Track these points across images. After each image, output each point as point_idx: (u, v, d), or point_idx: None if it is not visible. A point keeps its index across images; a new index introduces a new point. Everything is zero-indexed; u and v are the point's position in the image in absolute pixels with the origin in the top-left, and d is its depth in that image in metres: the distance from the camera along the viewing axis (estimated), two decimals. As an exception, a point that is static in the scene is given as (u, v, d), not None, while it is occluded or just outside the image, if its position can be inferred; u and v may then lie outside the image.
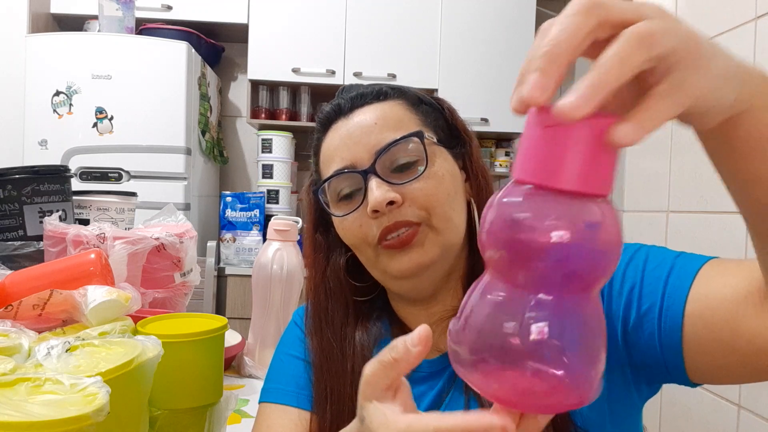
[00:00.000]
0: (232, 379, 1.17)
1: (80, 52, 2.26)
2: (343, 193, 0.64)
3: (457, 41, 2.63)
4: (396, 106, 0.65)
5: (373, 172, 0.61)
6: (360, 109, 0.65)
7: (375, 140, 0.62)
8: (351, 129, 0.64)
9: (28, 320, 0.61)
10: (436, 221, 0.61)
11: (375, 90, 0.66)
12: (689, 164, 1.24)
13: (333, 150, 0.65)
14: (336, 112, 0.66)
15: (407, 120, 0.64)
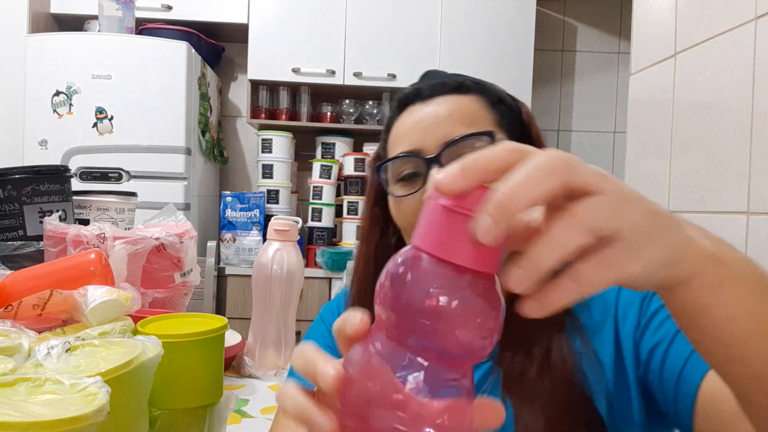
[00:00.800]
0: (232, 379, 1.17)
1: (80, 52, 2.26)
2: (403, 175, 0.65)
3: (457, 41, 2.63)
4: (474, 102, 0.65)
5: (437, 161, 0.61)
6: (438, 98, 0.65)
7: (445, 131, 0.62)
8: (425, 116, 0.64)
9: (28, 320, 0.61)
10: None
11: (457, 81, 0.66)
12: (689, 164, 1.24)
13: (404, 132, 0.66)
14: (415, 95, 0.66)
15: (482, 118, 0.64)
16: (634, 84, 1.49)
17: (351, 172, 2.61)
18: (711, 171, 1.17)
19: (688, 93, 1.26)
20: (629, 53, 1.53)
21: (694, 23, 1.24)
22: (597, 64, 3.06)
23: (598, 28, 3.06)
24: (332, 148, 2.72)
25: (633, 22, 1.50)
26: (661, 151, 1.34)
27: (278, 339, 1.23)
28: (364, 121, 2.79)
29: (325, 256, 2.42)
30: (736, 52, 1.11)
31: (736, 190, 1.09)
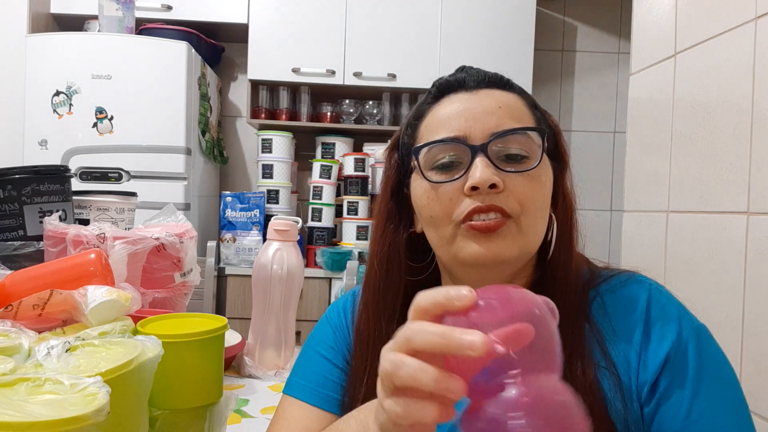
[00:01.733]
0: (232, 379, 1.17)
1: (80, 52, 2.26)
2: (440, 162, 0.62)
3: (457, 41, 2.63)
4: (518, 100, 0.64)
5: (484, 151, 0.59)
6: (485, 90, 0.64)
7: (494, 123, 0.61)
8: (473, 105, 0.62)
9: (28, 320, 0.61)
10: (524, 221, 0.60)
11: (500, 78, 0.65)
12: (689, 164, 1.24)
13: (446, 118, 0.63)
14: (459, 84, 0.65)
15: (526, 117, 0.63)
16: (634, 84, 1.49)
17: (351, 172, 2.61)
18: (711, 171, 1.17)
19: (688, 93, 1.26)
20: (629, 53, 1.53)
21: (694, 23, 1.24)
22: (597, 64, 3.06)
23: (598, 28, 3.06)
24: (332, 148, 2.72)
25: (633, 22, 1.50)
26: (661, 151, 1.34)
27: (278, 339, 1.23)
28: (364, 121, 2.79)
29: (325, 256, 2.42)
30: (736, 52, 1.11)
31: (736, 190, 1.09)
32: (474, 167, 0.59)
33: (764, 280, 1.02)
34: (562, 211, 0.66)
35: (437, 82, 0.67)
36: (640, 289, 0.63)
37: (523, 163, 0.61)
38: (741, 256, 1.07)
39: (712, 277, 1.15)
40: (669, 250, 1.29)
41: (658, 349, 0.59)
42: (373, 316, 0.68)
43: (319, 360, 0.72)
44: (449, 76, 0.67)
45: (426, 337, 0.38)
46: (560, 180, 0.66)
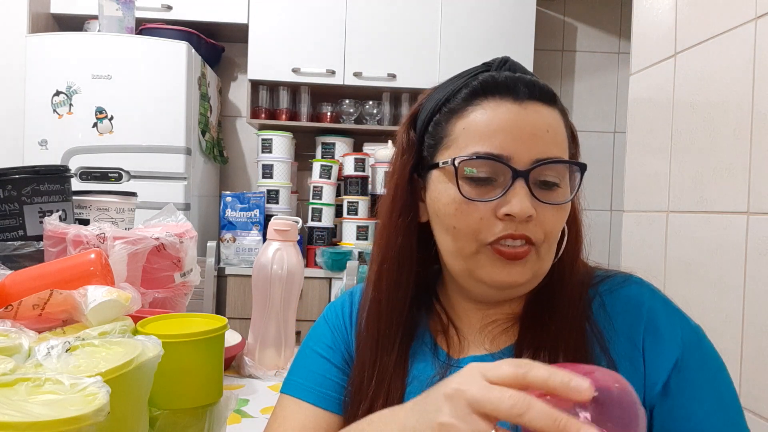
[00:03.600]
0: (232, 379, 1.17)
1: (80, 52, 2.26)
2: (474, 175, 0.59)
3: (457, 41, 2.63)
4: (560, 118, 0.62)
5: (526, 178, 0.58)
6: (535, 104, 0.60)
7: (541, 149, 0.58)
8: (522, 122, 0.59)
9: (28, 320, 0.61)
10: (544, 249, 0.61)
11: (550, 91, 0.62)
12: (689, 164, 1.24)
13: (491, 129, 0.59)
14: (507, 89, 0.60)
15: (564, 139, 0.62)
16: (634, 84, 1.49)
17: (351, 172, 2.61)
18: (711, 171, 1.17)
19: (688, 93, 1.26)
20: (629, 53, 1.53)
21: (694, 23, 1.24)
22: (597, 64, 3.06)
23: (598, 28, 3.06)
24: (332, 148, 2.72)
25: (633, 22, 1.50)
26: (661, 151, 1.34)
27: (278, 339, 1.23)
28: (364, 121, 2.79)
29: (325, 256, 2.42)
30: (736, 52, 1.11)
31: (736, 190, 1.09)
32: (513, 194, 0.58)
33: (764, 280, 1.02)
34: (572, 218, 0.65)
35: (483, 78, 0.62)
36: (642, 290, 0.64)
37: (555, 191, 0.60)
38: (741, 256, 1.07)
39: (712, 277, 1.15)
40: (669, 250, 1.29)
41: (668, 350, 0.59)
42: (385, 312, 0.67)
43: (317, 359, 0.71)
44: (497, 75, 0.62)
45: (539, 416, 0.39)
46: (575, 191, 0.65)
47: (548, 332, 0.61)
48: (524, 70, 0.65)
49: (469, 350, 0.66)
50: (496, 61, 0.66)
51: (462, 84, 0.64)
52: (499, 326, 0.65)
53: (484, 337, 0.65)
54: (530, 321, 0.64)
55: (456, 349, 0.66)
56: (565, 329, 0.61)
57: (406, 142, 0.67)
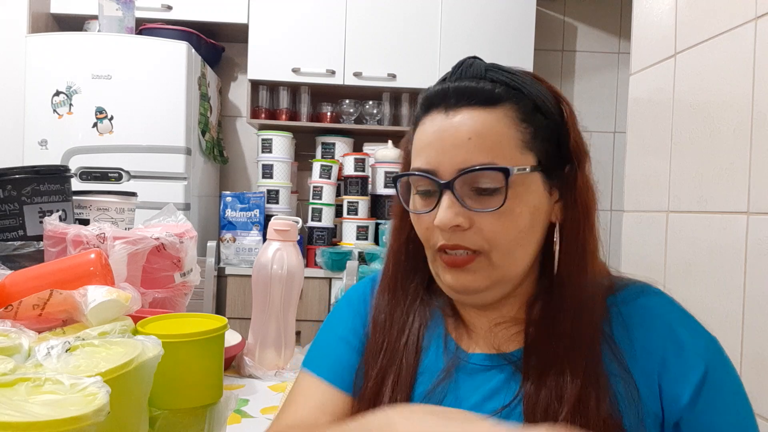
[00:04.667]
0: (232, 379, 1.17)
1: (80, 52, 2.26)
2: (420, 190, 0.63)
3: (457, 41, 2.63)
4: (503, 117, 0.59)
5: (450, 188, 0.59)
6: (463, 111, 0.60)
7: (462, 158, 0.59)
8: (445, 133, 0.60)
9: (28, 320, 0.61)
10: (495, 256, 0.60)
11: (487, 92, 0.60)
12: (689, 164, 1.24)
13: (424, 144, 0.62)
14: (440, 98, 0.62)
15: (507, 140, 0.59)
16: (634, 84, 1.49)
17: (351, 172, 2.61)
18: (711, 171, 1.17)
19: (688, 93, 1.26)
20: (629, 53, 1.53)
21: (694, 23, 1.24)
22: (597, 64, 3.06)
23: (598, 28, 3.06)
24: (332, 148, 2.72)
25: (633, 22, 1.50)
26: (661, 151, 1.34)
27: (278, 339, 1.23)
28: (364, 121, 2.79)
29: (325, 256, 2.42)
30: (736, 52, 1.11)
31: (736, 190, 1.09)
32: (440, 206, 0.59)
33: (764, 280, 1.02)
34: (572, 222, 0.63)
35: (425, 93, 0.65)
36: (660, 300, 0.63)
37: (495, 196, 0.59)
38: (741, 256, 1.07)
39: (712, 277, 1.15)
40: (669, 250, 1.29)
41: (694, 364, 0.58)
42: (392, 303, 0.70)
43: (336, 341, 0.73)
44: (435, 87, 0.64)
45: None
46: (572, 181, 0.63)
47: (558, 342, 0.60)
48: (474, 73, 0.62)
49: (479, 346, 0.66)
50: (453, 68, 0.65)
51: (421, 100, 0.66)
52: (506, 329, 0.65)
53: (493, 337, 0.66)
54: (537, 327, 0.63)
55: (466, 342, 0.67)
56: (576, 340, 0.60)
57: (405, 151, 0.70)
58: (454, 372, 0.65)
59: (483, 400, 0.62)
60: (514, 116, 0.60)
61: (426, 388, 0.65)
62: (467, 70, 0.63)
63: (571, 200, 0.63)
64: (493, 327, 0.66)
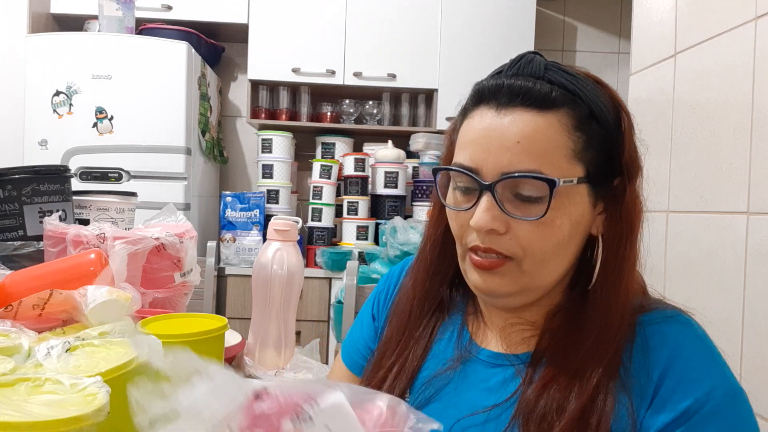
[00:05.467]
0: (232, 379, 1.17)
1: (80, 52, 2.26)
2: (460, 186, 0.61)
3: (457, 41, 2.63)
4: (556, 123, 0.56)
5: (491, 190, 0.57)
6: (515, 111, 0.57)
7: (508, 161, 0.56)
8: (493, 132, 0.57)
9: (28, 320, 0.61)
10: (528, 264, 0.58)
11: (543, 94, 0.57)
12: (689, 164, 1.24)
13: (470, 140, 0.59)
14: (491, 94, 0.58)
15: (557, 148, 0.56)
16: (634, 84, 1.49)
17: (351, 172, 2.61)
18: (711, 171, 1.17)
19: (688, 93, 1.26)
20: (629, 53, 1.53)
21: (694, 23, 1.24)
22: (597, 64, 3.06)
23: (598, 28, 3.06)
24: (332, 148, 2.72)
25: (633, 22, 1.50)
26: (661, 151, 1.34)
27: (278, 339, 1.22)
28: (364, 121, 2.79)
29: (325, 256, 2.42)
30: (736, 52, 1.11)
31: (736, 190, 1.09)
32: (478, 207, 0.57)
33: (764, 280, 1.02)
34: (614, 237, 0.60)
35: (480, 85, 0.61)
36: (683, 329, 0.59)
37: (536, 204, 0.56)
38: (741, 256, 1.07)
39: (712, 277, 1.15)
40: (669, 250, 1.29)
41: (683, 397, 0.54)
42: (418, 296, 0.71)
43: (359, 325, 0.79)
44: (488, 81, 0.60)
45: None
46: (620, 195, 0.59)
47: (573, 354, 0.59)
48: (533, 71, 0.59)
49: (490, 343, 0.66)
50: (510, 62, 0.61)
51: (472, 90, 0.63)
52: (521, 332, 0.65)
53: (506, 336, 0.66)
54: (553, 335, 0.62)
55: (480, 336, 0.67)
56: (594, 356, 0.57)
57: (449, 141, 0.67)
58: (462, 363, 0.65)
59: (480, 395, 0.62)
60: (568, 123, 0.57)
61: (431, 373, 0.66)
62: (525, 66, 0.59)
63: (616, 215, 0.60)
64: (509, 326, 0.65)
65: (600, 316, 0.59)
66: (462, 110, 0.64)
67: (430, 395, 0.64)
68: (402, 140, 2.81)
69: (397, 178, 2.60)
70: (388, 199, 2.61)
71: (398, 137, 2.81)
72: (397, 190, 2.61)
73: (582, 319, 0.60)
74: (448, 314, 0.70)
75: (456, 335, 0.68)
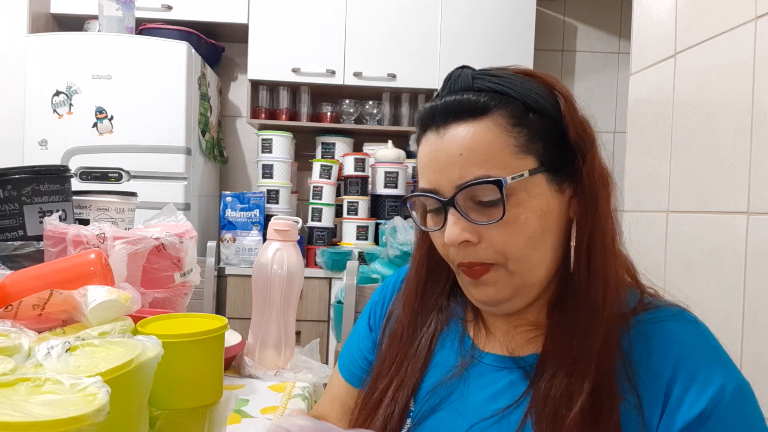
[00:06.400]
0: (232, 379, 1.17)
1: (80, 52, 2.26)
2: (430, 208, 0.64)
3: (457, 41, 2.63)
4: (492, 127, 0.58)
5: (453, 204, 0.59)
6: (452, 127, 0.59)
7: (458, 174, 0.58)
8: (439, 153, 0.60)
9: (28, 320, 0.61)
10: (512, 265, 0.59)
11: (472, 103, 0.59)
12: (689, 164, 1.24)
13: (423, 165, 0.63)
14: (431, 117, 0.61)
15: (499, 148, 0.58)
16: (634, 84, 1.49)
17: (351, 172, 2.61)
18: (711, 171, 1.17)
19: (688, 93, 1.26)
20: (629, 53, 1.53)
21: (694, 23, 1.24)
22: (597, 64, 3.06)
23: (598, 28, 3.06)
24: (332, 148, 2.72)
25: (633, 22, 1.50)
26: (661, 151, 1.34)
27: (278, 339, 1.22)
28: (364, 121, 2.79)
29: (325, 256, 2.42)
30: (736, 52, 1.11)
31: (736, 190, 1.09)
32: (447, 224, 0.60)
33: (764, 280, 1.02)
34: (584, 206, 0.60)
35: (417, 113, 0.65)
36: (689, 327, 0.59)
37: (497, 207, 0.57)
38: (741, 256, 1.07)
39: (712, 277, 1.15)
40: (669, 250, 1.29)
41: (698, 397, 0.55)
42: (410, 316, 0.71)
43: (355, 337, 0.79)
44: (426, 106, 0.63)
45: None
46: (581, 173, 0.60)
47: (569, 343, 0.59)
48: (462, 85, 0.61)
49: (494, 347, 0.66)
50: (443, 82, 0.63)
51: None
52: (524, 333, 0.64)
53: (509, 339, 0.65)
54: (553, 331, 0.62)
55: (483, 341, 0.67)
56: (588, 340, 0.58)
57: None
58: (465, 369, 0.65)
59: (487, 400, 0.62)
60: (504, 122, 0.58)
61: (435, 381, 0.66)
62: (455, 83, 0.62)
63: (584, 193, 0.60)
64: (512, 329, 0.65)
65: (582, 296, 0.59)
66: (417, 140, 0.66)
67: (434, 404, 0.64)
68: (402, 140, 2.80)
69: (397, 178, 2.60)
70: (388, 199, 2.61)
71: (398, 137, 2.81)
72: (397, 190, 2.61)
73: (573, 306, 0.60)
74: (446, 323, 0.70)
75: (458, 342, 0.68)
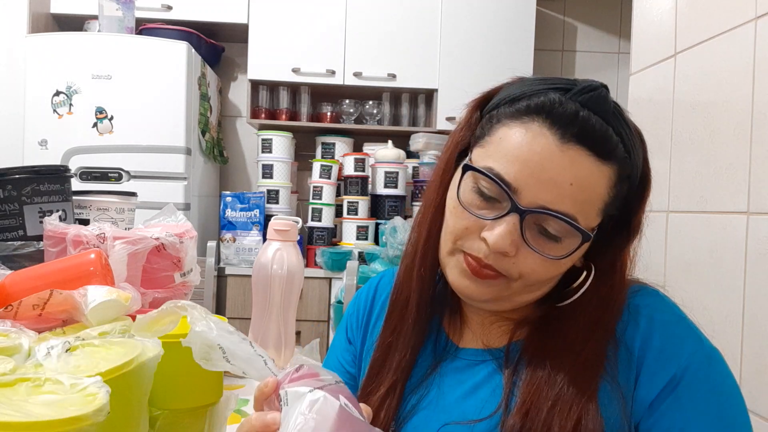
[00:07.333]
0: (232, 379, 1.17)
1: (80, 52, 2.26)
2: (483, 189, 0.57)
3: (457, 41, 2.63)
4: (604, 177, 0.55)
5: (521, 216, 0.55)
6: (578, 149, 0.54)
7: (553, 196, 0.54)
8: (550, 164, 0.54)
9: (28, 320, 0.61)
10: (517, 285, 0.59)
11: (610, 145, 0.55)
12: (689, 164, 1.24)
13: (516, 154, 0.55)
14: (561, 122, 0.55)
15: (597, 200, 0.56)
16: (634, 84, 1.49)
17: (351, 172, 2.61)
18: (711, 171, 1.17)
19: (688, 93, 1.26)
20: (629, 53, 1.53)
21: (694, 23, 1.24)
22: (597, 64, 3.06)
23: (598, 28, 3.06)
24: (332, 148, 2.72)
25: (633, 22, 1.50)
26: (661, 151, 1.34)
27: (278, 339, 1.22)
28: (364, 121, 2.79)
29: (325, 256, 2.42)
30: (736, 52, 1.11)
31: (736, 190, 1.09)
32: (500, 224, 0.55)
33: (764, 280, 1.02)
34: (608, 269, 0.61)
35: (547, 99, 0.56)
36: (653, 302, 0.61)
37: (555, 243, 0.56)
38: (741, 256, 1.07)
39: (712, 277, 1.15)
40: (669, 250, 1.29)
41: (666, 367, 0.56)
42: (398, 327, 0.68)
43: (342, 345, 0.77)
44: (562, 102, 0.55)
45: None
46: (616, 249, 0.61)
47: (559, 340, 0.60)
48: (605, 111, 0.56)
49: (470, 341, 0.66)
50: (580, 86, 0.57)
51: (532, 92, 0.57)
52: (499, 326, 0.65)
53: (484, 332, 0.66)
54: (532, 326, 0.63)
55: (458, 336, 0.67)
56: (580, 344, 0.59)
57: (469, 119, 0.64)
58: (440, 366, 0.65)
59: (465, 394, 0.62)
60: (615, 178, 0.56)
61: (414, 382, 0.65)
62: (600, 103, 0.56)
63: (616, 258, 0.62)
64: (488, 324, 0.65)
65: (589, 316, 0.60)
66: (510, 101, 0.58)
67: (414, 405, 0.64)
68: (402, 140, 2.80)
69: (397, 178, 2.60)
70: (388, 199, 2.61)
71: (398, 137, 2.81)
72: (397, 190, 2.61)
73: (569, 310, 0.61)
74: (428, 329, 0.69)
75: (433, 340, 0.67)
